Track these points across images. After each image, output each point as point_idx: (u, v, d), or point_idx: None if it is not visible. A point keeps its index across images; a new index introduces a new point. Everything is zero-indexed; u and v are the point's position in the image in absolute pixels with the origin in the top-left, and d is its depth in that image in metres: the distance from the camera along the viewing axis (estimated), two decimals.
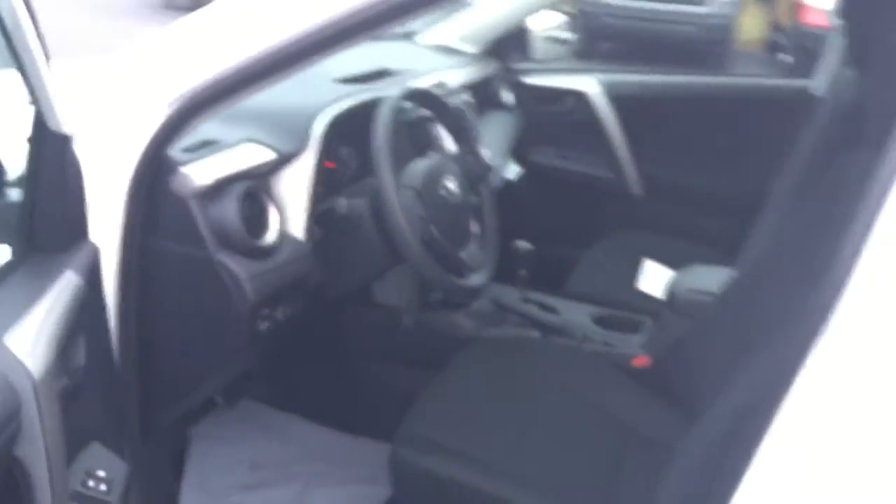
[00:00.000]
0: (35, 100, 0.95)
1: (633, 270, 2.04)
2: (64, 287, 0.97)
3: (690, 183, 2.36)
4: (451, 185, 1.48)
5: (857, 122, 1.27)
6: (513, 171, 2.27)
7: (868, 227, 0.81)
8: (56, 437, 0.93)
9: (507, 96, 2.26)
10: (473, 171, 1.65)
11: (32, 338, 0.91)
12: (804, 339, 0.84)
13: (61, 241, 1.01)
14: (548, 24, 2.82)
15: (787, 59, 7.06)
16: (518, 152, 2.31)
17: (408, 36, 2.25)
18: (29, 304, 0.92)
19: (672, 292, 1.67)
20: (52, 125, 0.97)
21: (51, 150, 0.98)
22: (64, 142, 0.99)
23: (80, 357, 0.99)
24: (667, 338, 1.64)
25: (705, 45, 7.76)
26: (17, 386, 0.86)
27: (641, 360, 1.62)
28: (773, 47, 8.74)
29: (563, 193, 2.43)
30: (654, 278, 2.01)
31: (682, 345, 1.45)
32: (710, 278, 1.58)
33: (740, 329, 1.17)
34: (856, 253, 0.82)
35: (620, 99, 2.36)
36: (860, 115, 1.25)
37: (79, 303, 0.98)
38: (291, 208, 1.33)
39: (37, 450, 0.90)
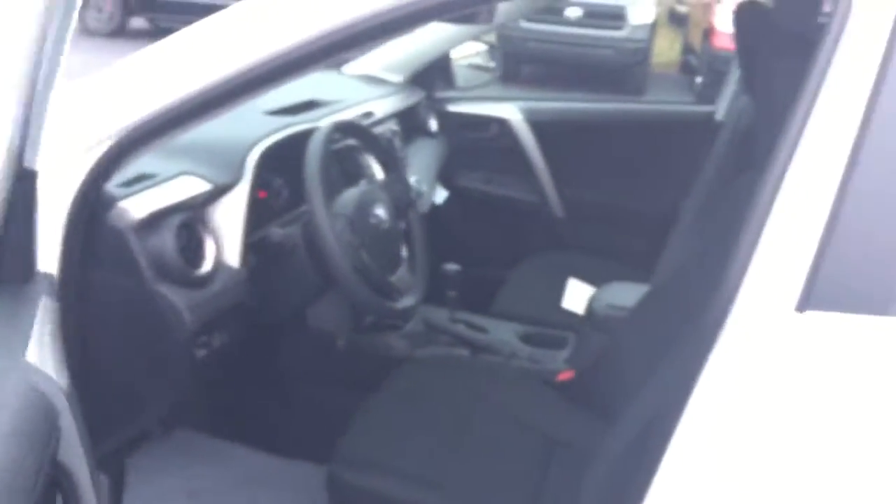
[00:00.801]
0: (23, 135, 0.99)
1: (557, 289, 2.14)
2: (47, 311, 1.01)
3: (609, 203, 2.48)
4: (381, 212, 1.54)
5: (750, 145, 1.38)
6: (440, 195, 2.35)
7: (752, 245, 0.91)
8: (86, 442, 0.99)
9: (432, 124, 2.34)
10: (401, 197, 1.72)
11: (49, 356, 0.96)
12: (701, 349, 0.93)
13: (27, 273, 1.05)
14: (470, 53, 2.91)
15: (700, 81, 7.37)
16: (444, 177, 2.39)
17: (334, 66, 2.32)
18: (27, 327, 0.95)
19: (591, 308, 1.77)
20: (27, 161, 1.02)
21: (23, 186, 1.02)
22: (33, 177, 1.03)
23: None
24: (588, 352, 1.74)
25: (623, 68, 8.06)
26: (53, 398, 0.90)
27: (566, 375, 1.71)
28: (686, 69, 9.09)
29: (489, 216, 2.52)
30: (576, 296, 2.11)
31: (601, 358, 1.54)
32: (627, 294, 1.68)
33: (651, 341, 1.26)
34: (743, 270, 0.92)
35: (540, 125, 2.47)
36: (752, 139, 1.37)
37: (58, 326, 1.02)
38: (227, 238, 1.37)
39: (78, 455, 0.96)
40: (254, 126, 1.55)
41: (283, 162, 1.52)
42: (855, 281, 0.91)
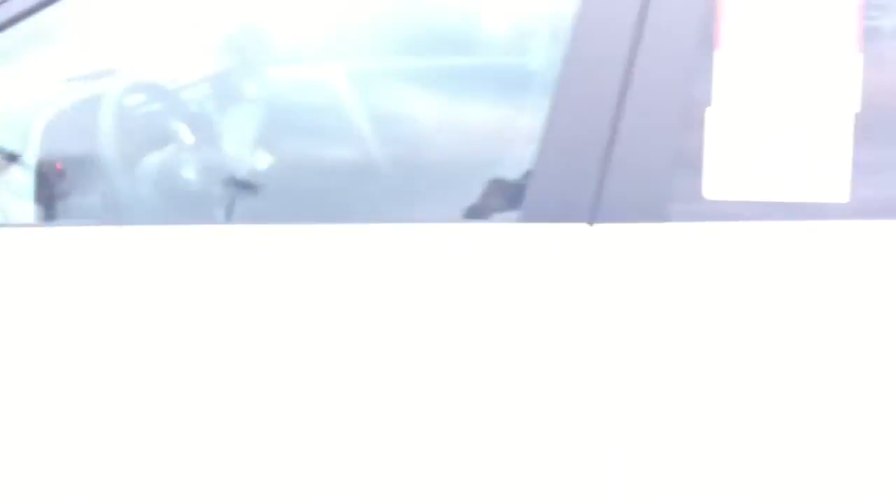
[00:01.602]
0: None
1: None
2: None
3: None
4: (189, 176, 1.49)
5: None
6: (262, 161, 2.30)
7: (545, 167, 0.98)
8: None
9: (250, 87, 2.28)
10: (212, 162, 1.67)
11: None
12: None
13: None
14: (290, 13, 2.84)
15: None
16: (262, 142, 2.34)
17: None
18: None
19: None
20: None
21: None
22: None
23: None
24: None
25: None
26: None
27: None
28: None
29: (314, 179, 2.49)
30: None
31: None
32: None
33: None
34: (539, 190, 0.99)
35: (366, 86, 2.46)
36: None
37: None
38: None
39: None
40: (43, 92, 1.46)
41: (77, 129, 1.44)
42: (636, 193, 1.00)
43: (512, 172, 1.17)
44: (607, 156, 1.02)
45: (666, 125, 1.03)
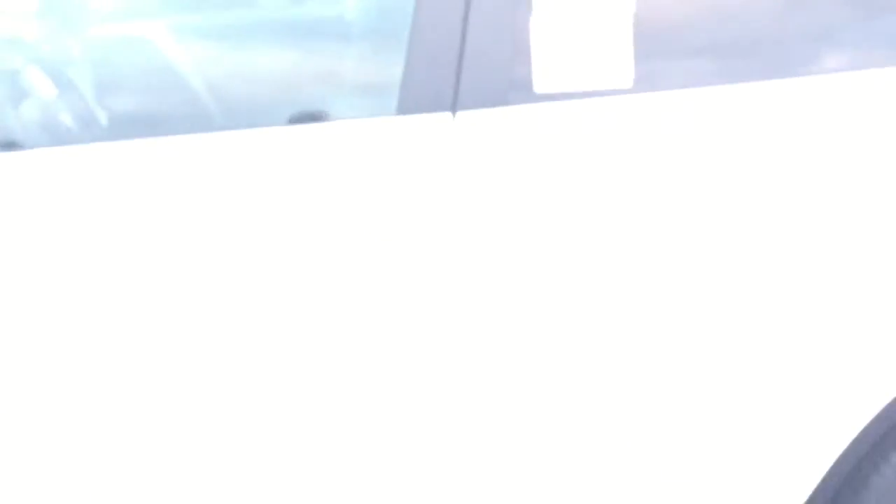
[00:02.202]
0: None
1: None
2: None
3: None
4: None
5: None
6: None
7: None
8: None
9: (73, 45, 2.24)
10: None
11: None
12: None
13: None
14: None
15: None
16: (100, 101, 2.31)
17: None
18: None
19: None
20: None
21: None
22: None
23: None
24: None
25: None
26: None
27: None
28: None
29: None
30: None
31: None
32: None
33: None
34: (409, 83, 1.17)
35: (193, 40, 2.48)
36: None
37: None
38: None
39: None
40: None
41: None
42: (492, 80, 1.19)
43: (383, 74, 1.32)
44: (461, 54, 1.20)
45: (505, 27, 1.22)
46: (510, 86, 1.26)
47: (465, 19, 1.25)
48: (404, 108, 1.26)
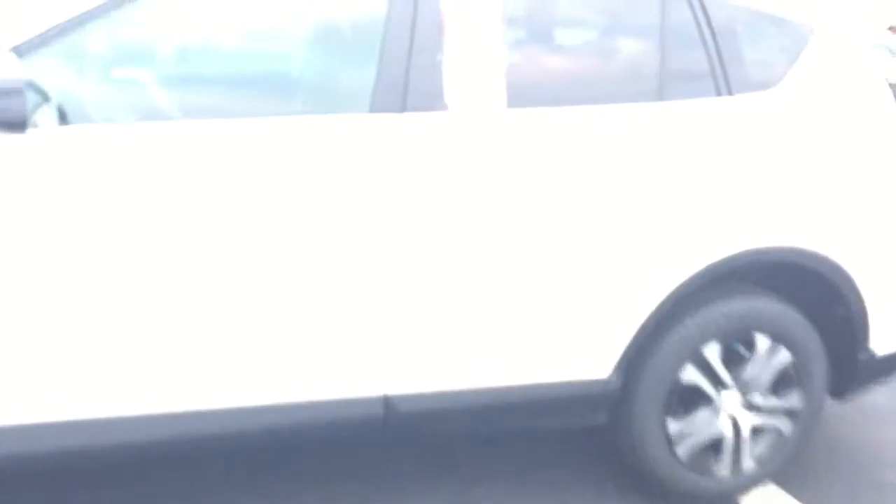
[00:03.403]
0: None
1: None
2: None
3: None
4: None
5: None
6: None
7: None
8: None
9: None
10: None
11: None
12: None
13: None
14: None
15: None
16: None
17: None
18: None
19: None
20: None
21: None
22: None
23: None
24: None
25: None
26: None
27: None
28: None
29: None
30: None
31: None
32: None
33: None
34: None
35: None
36: None
37: None
38: None
39: None
40: None
41: None
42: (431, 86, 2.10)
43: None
44: (409, 68, 2.10)
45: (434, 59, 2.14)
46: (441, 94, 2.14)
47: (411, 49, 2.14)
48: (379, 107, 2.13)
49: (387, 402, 2.26)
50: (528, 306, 2.29)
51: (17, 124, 1.82)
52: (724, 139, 2.40)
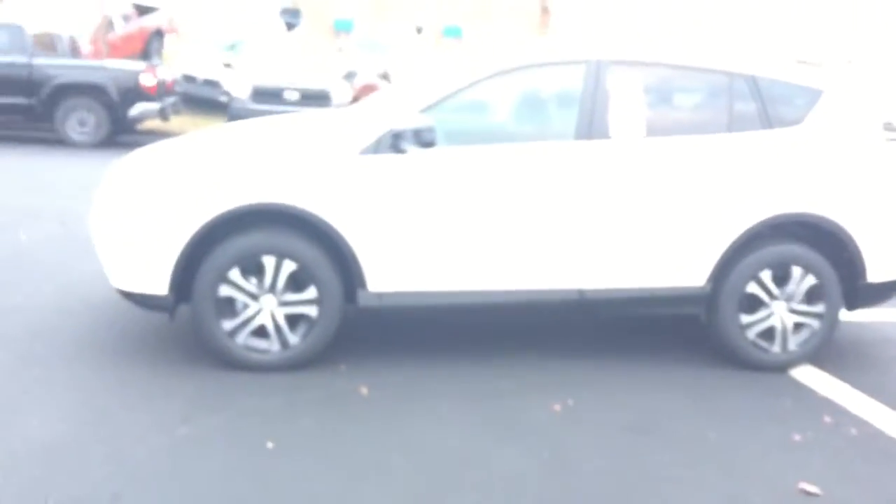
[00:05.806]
0: None
1: None
2: None
3: None
4: None
5: None
6: None
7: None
8: None
9: None
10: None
11: None
12: None
13: None
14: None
15: None
16: None
17: None
18: None
19: None
20: None
21: None
22: None
23: None
24: None
25: None
26: None
27: None
28: None
29: None
30: None
31: None
32: None
33: None
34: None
35: None
36: None
37: None
38: None
39: None
40: None
41: None
42: (603, 125, 4.15)
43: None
44: (592, 116, 4.17)
45: (605, 110, 4.21)
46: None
47: None
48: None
49: (580, 292, 4.26)
50: (662, 246, 4.27)
51: (429, 143, 4.01)
52: (768, 154, 4.33)
